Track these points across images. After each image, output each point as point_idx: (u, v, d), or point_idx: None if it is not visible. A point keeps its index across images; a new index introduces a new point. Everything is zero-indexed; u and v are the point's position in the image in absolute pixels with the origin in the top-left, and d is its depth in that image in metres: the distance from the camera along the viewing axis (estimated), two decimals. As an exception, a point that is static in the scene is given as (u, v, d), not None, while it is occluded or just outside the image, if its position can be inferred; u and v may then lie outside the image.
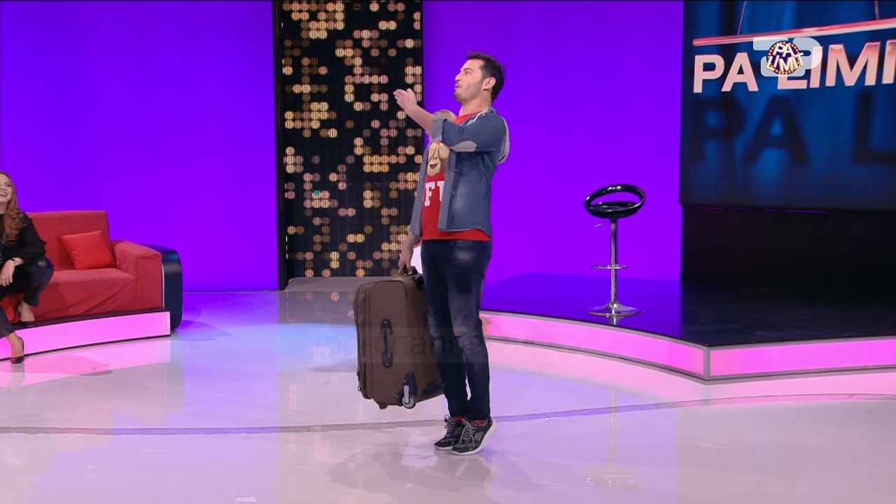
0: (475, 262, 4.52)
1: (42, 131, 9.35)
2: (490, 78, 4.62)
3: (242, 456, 4.71)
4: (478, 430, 4.66)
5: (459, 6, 9.88)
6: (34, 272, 6.65)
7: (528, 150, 9.84)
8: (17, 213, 6.65)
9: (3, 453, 4.71)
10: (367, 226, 10.45)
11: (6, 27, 9.15)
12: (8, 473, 4.46)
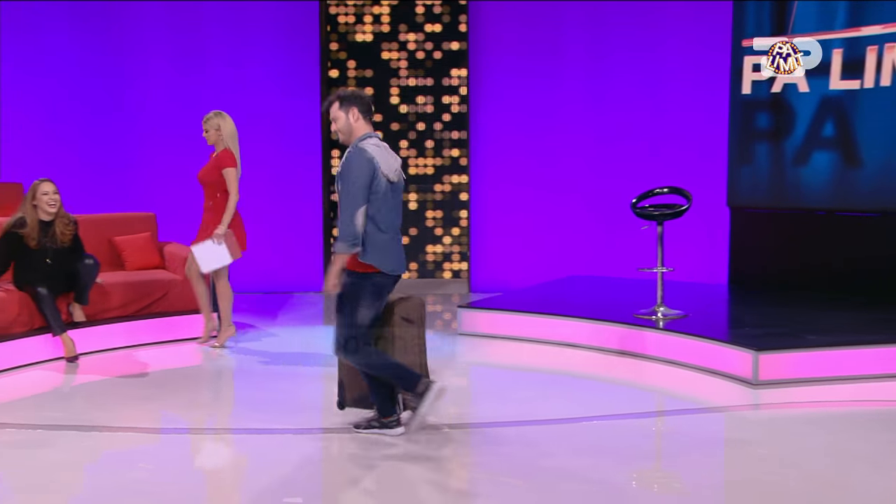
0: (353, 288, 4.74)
1: (91, 134, 9.51)
2: (351, 109, 4.82)
3: (288, 456, 4.74)
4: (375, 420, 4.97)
5: (504, 7, 9.85)
6: (82, 269, 6.76)
7: (573, 152, 9.79)
8: (67, 218, 6.77)
9: (56, 451, 4.79)
10: (413, 227, 10.47)
11: (54, 31, 9.32)
12: (60, 471, 4.54)
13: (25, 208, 6.59)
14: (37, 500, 4.20)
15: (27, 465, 4.59)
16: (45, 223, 6.62)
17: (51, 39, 9.32)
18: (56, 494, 4.26)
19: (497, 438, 5.10)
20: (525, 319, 7.44)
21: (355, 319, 4.74)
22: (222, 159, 7.02)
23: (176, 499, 4.22)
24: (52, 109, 9.47)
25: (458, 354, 7.32)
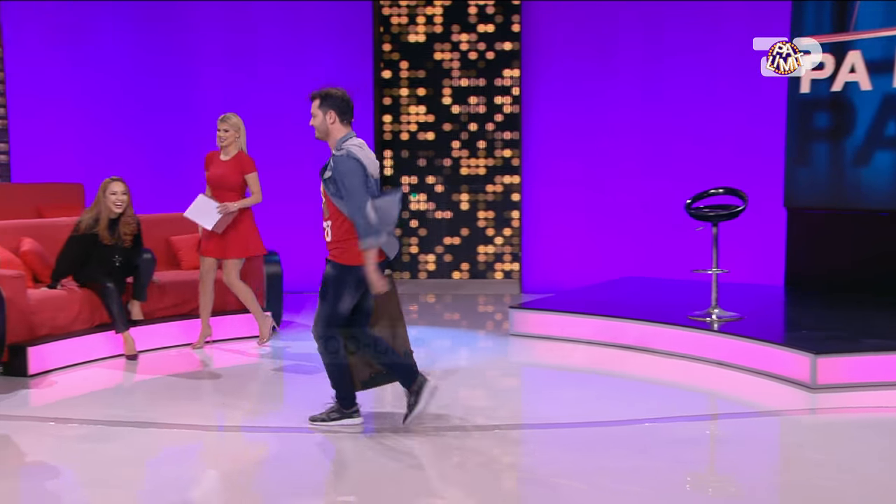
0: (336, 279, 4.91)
1: (150, 134, 9.68)
2: (329, 112, 4.96)
3: (340, 455, 4.78)
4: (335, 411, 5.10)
5: (558, 8, 9.81)
6: (142, 265, 6.88)
7: (626, 152, 9.73)
8: (132, 218, 6.88)
9: (118, 446, 4.89)
10: (464, 228, 10.48)
11: (115, 31, 9.50)
12: (121, 466, 4.63)
13: (98, 206, 6.73)
14: (99, 494, 4.29)
15: (90, 460, 4.69)
16: (113, 221, 6.77)
17: (111, 40, 9.51)
18: (117, 489, 4.35)
19: (548, 440, 5.08)
20: (577, 320, 7.41)
21: (337, 309, 4.91)
22: (245, 163, 7.01)
23: (232, 494, 4.27)
24: (113, 109, 9.66)
25: (510, 355, 7.31)
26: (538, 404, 5.95)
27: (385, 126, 10.34)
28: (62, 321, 6.53)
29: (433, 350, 7.46)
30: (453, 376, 6.54)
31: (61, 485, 4.38)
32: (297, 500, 4.19)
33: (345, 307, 4.94)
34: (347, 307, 4.95)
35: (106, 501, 4.20)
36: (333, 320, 4.94)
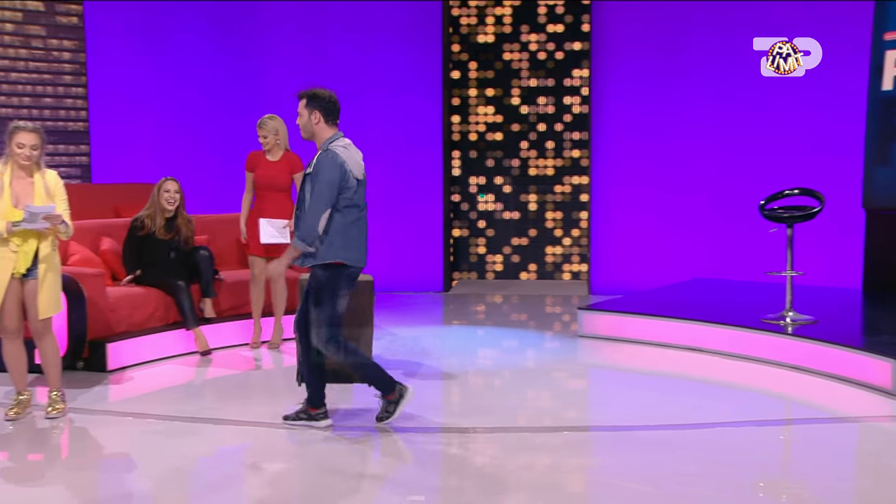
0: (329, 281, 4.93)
1: (223, 135, 9.85)
2: (314, 112, 5.02)
3: (408, 453, 4.80)
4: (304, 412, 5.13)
5: (628, 7, 9.70)
6: (201, 261, 7.01)
7: (697, 153, 9.58)
8: (188, 217, 7.06)
9: (191, 442, 5.00)
10: (532, 229, 10.45)
11: (190, 31, 9.69)
12: (194, 461, 4.73)
13: (153, 204, 6.92)
14: (172, 487, 4.38)
15: (165, 454, 4.80)
16: (170, 219, 6.93)
17: (188, 42, 9.70)
18: (190, 484, 4.44)
19: (616, 442, 5.04)
20: (647, 322, 7.32)
21: (336, 311, 4.97)
22: (295, 163, 7.06)
23: (298, 494, 4.33)
24: (190, 110, 9.85)
25: (578, 356, 7.26)
26: (606, 406, 5.89)
27: (453, 126, 10.36)
28: (139, 318, 6.69)
29: (501, 351, 7.45)
30: (521, 377, 6.52)
31: (137, 478, 4.48)
32: (364, 498, 4.23)
33: (341, 307, 5.01)
34: (343, 307, 5.02)
35: (179, 495, 4.28)
36: (334, 322, 4.97)
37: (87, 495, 4.31)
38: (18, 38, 8.96)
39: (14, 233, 5.05)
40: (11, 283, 5.13)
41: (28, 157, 5.12)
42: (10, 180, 5.12)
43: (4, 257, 5.09)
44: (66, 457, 4.89)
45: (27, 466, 4.71)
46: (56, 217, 5.06)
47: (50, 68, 9.15)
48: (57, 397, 5.34)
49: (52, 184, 5.20)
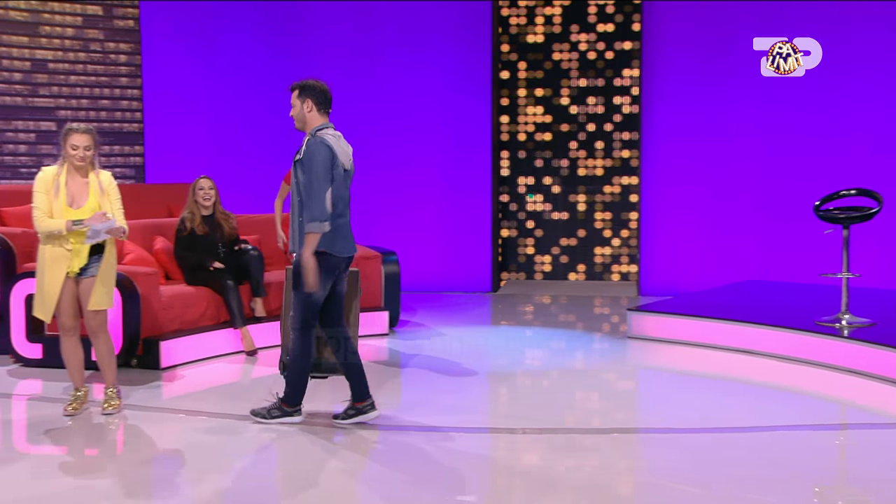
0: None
1: (273, 135, 9.94)
2: (306, 101, 5.12)
3: (456, 454, 4.80)
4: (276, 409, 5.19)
5: (680, 7, 9.59)
6: (251, 261, 7.08)
7: (750, 153, 9.45)
8: (226, 213, 7.14)
9: (242, 440, 5.05)
10: (581, 229, 10.39)
11: (239, 31, 9.81)
12: (244, 458, 4.78)
13: (190, 204, 7.02)
14: (223, 484, 4.44)
15: (217, 451, 4.86)
16: (207, 217, 7.02)
17: (240, 43, 9.81)
18: (240, 481, 4.49)
19: (666, 444, 4.99)
20: (698, 324, 7.24)
21: (311, 298, 5.02)
22: None
23: (347, 494, 4.35)
24: (241, 111, 9.97)
25: (627, 358, 7.20)
26: (656, 408, 5.84)
27: (502, 127, 10.35)
28: (190, 317, 6.78)
29: (549, 351, 7.42)
30: (569, 378, 6.49)
31: (187, 473, 4.55)
32: (412, 498, 4.24)
33: (319, 296, 5.04)
34: (321, 295, 5.05)
35: (229, 492, 4.34)
36: (310, 309, 5.04)
37: (139, 490, 4.38)
38: (78, 42, 9.15)
39: (71, 231, 5.15)
40: (67, 282, 5.23)
41: (82, 158, 5.22)
42: (65, 181, 5.23)
43: (60, 256, 5.20)
44: (121, 452, 4.98)
45: (84, 461, 4.81)
46: (117, 229, 5.18)
47: (107, 71, 9.33)
48: (112, 394, 5.44)
49: (105, 184, 5.29)
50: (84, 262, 5.24)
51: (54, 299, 5.22)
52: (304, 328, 5.07)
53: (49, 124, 9.01)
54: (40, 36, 9.01)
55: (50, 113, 9.07)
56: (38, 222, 5.18)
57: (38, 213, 5.18)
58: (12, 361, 6.51)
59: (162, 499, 4.23)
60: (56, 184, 5.21)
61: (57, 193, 5.19)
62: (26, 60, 8.96)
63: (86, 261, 5.24)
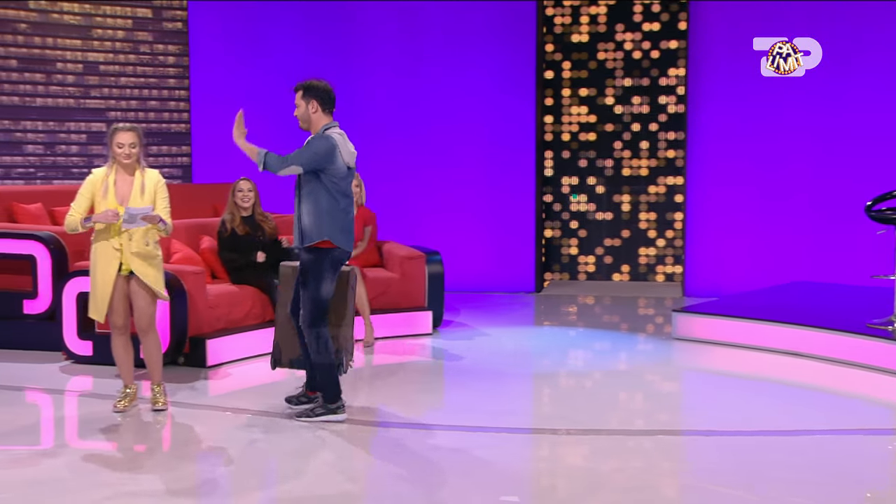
0: (314, 263, 5.10)
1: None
2: (311, 101, 5.23)
3: (499, 454, 4.80)
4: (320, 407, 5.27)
5: (727, 7, 9.46)
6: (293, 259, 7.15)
7: (798, 153, 9.31)
8: (264, 214, 7.22)
9: (284, 438, 5.10)
10: (625, 230, 10.33)
11: (284, 32, 9.89)
12: (288, 457, 4.83)
13: (230, 205, 7.11)
14: (268, 482, 4.48)
15: (260, 449, 4.92)
16: (247, 218, 7.09)
17: (285, 44, 9.89)
18: (283, 479, 4.53)
19: (711, 446, 4.94)
20: (745, 326, 7.15)
21: (320, 293, 5.12)
22: (369, 218, 7.64)
23: (396, 489, 4.37)
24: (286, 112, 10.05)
25: (672, 359, 7.14)
26: (701, 410, 5.78)
27: (546, 127, 10.32)
28: (236, 315, 6.86)
29: (592, 352, 7.39)
30: (612, 379, 6.45)
31: (233, 471, 4.60)
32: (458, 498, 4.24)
33: (326, 290, 5.14)
34: (329, 290, 5.15)
35: (273, 489, 4.38)
36: (318, 305, 5.13)
37: (184, 486, 4.44)
38: (128, 44, 9.30)
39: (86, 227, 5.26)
40: (118, 280, 5.32)
41: (128, 156, 5.31)
42: (114, 180, 5.32)
43: (109, 255, 5.29)
44: (168, 449, 5.05)
45: (132, 456, 4.88)
46: (154, 217, 5.24)
47: (155, 72, 9.47)
48: (159, 391, 5.52)
49: (153, 182, 5.37)
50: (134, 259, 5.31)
51: (107, 298, 5.31)
52: (316, 324, 5.17)
53: (99, 125, 9.17)
54: (92, 39, 9.17)
55: (100, 114, 9.23)
56: (66, 221, 5.33)
57: (68, 213, 5.32)
58: (64, 358, 6.64)
59: (206, 495, 4.29)
60: (105, 184, 5.30)
61: (105, 193, 5.28)
62: (79, 63, 9.14)
63: (136, 258, 5.31)
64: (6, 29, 8.84)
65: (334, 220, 5.11)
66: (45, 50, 8.99)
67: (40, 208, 7.58)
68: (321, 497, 4.28)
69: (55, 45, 9.02)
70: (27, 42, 8.92)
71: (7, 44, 8.85)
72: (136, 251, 5.29)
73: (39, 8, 8.95)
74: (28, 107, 8.96)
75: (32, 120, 8.98)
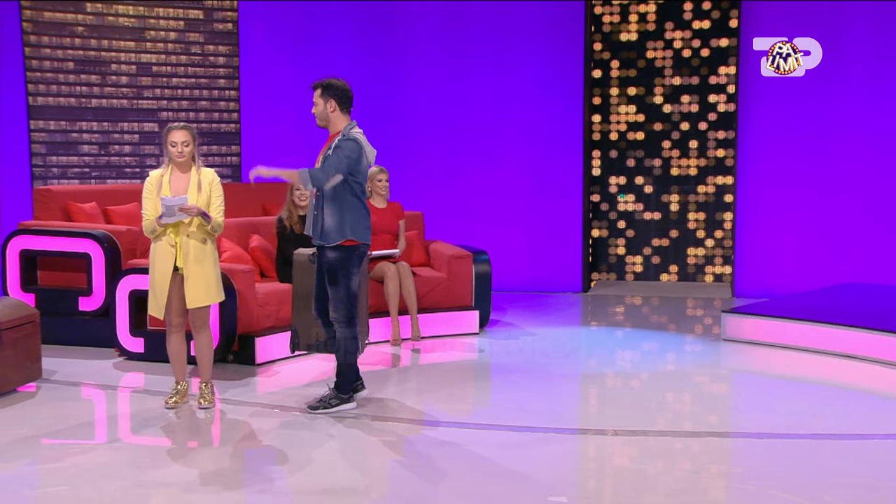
0: (342, 261, 5.27)
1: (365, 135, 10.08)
2: (330, 100, 5.33)
3: (546, 455, 4.80)
4: (335, 398, 5.44)
5: (779, 7, 9.30)
6: None
7: (852, 153, 9.16)
8: None
9: (326, 436, 5.14)
10: (673, 230, 10.24)
11: (334, 32, 9.96)
12: (337, 456, 4.87)
13: (286, 203, 7.19)
14: (311, 481, 4.53)
15: (307, 447, 4.96)
16: (304, 216, 7.16)
17: (331, 42, 9.96)
18: (329, 477, 4.58)
19: (762, 449, 4.88)
20: (796, 327, 7.06)
21: (350, 289, 5.32)
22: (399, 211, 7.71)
23: (441, 488, 4.39)
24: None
25: (721, 360, 7.07)
26: (751, 412, 5.72)
27: (594, 126, 10.27)
28: (285, 314, 6.91)
29: (640, 353, 7.34)
30: (660, 380, 6.41)
31: (281, 468, 4.65)
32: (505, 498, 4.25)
33: (356, 285, 5.34)
34: (357, 284, 5.35)
35: (320, 486, 4.42)
36: (351, 300, 5.32)
37: (233, 482, 4.51)
38: (180, 45, 9.45)
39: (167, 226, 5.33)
40: (174, 278, 5.41)
41: (181, 154, 5.40)
42: (169, 179, 5.42)
43: (165, 253, 5.39)
44: (217, 445, 5.12)
45: (183, 452, 4.96)
46: (192, 208, 5.30)
47: (206, 73, 9.60)
48: (207, 389, 5.60)
49: (207, 180, 5.44)
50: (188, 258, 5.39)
51: (165, 296, 5.41)
52: (349, 319, 5.34)
53: (152, 125, 9.32)
54: (145, 41, 9.33)
55: (153, 115, 9.38)
56: (143, 225, 5.41)
57: (143, 218, 5.42)
58: (117, 355, 6.77)
59: (255, 492, 4.34)
60: (160, 183, 5.40)
61: (160, 191, 5.38)
62: (132, 64, 9.30)
63: (190, 257, 5.39)
64: (64, 32, 9.03)
65: (357, 220, 5.30)
66: (101, 52, 9.17)
67: (95, 207, 7.73)
68: (376, 498, 4.31)
69: (110, 48, 9.19)
70: (84, 44, 9.10)
71: (65, 46, 9.05)
72: (192, 251, 5.37)
73: (96, 11, 9.13)
74: (84, 108, 9.14)
75: (88, 121, 9.16)
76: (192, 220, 5.35)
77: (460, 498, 4.24)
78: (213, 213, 5.40)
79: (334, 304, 5.35)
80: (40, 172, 9.00)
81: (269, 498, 4.26)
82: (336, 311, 5.36)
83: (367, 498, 4.30)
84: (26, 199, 8.76)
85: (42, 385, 6.02)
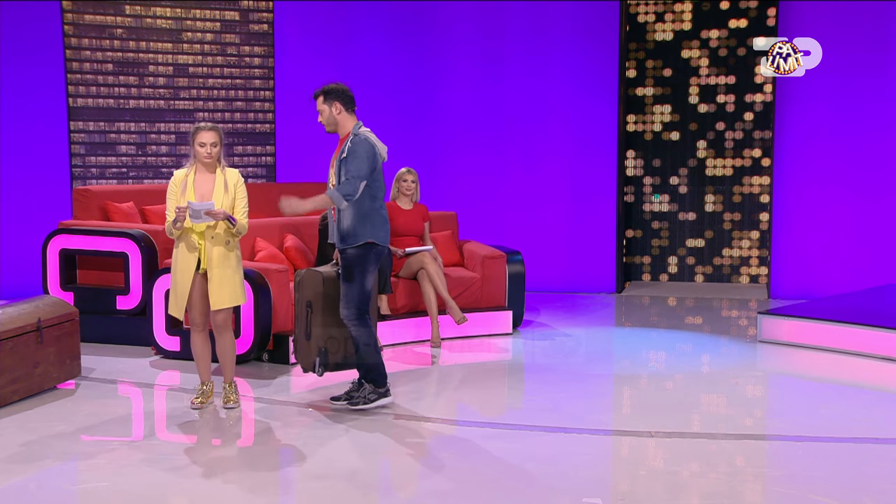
0: (359, 257, 5.28)
1: (400, 134, 10.09)
2: (334, 104, 5.40)
3: (580, 456, 4.78)
4: (372, 392, 5.45)
5: (818, 6, 9.18)
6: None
7: (892, 151, 9.01)
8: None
9: (369, 436, 5.16)
10: (708, 230, 10.15)
11: (371, 33, 9.98)
12: (372, 455, 4.89)
13: None
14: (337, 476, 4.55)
15: (341, 446, 4.98)
16: None
17: (366, 43, 9.98)
18: (361, 476, 4.59)
19: (800, 453, 4.83)
20: (835, 329, 6.97)
21: (365, 287, 5.32)
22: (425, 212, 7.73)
23: (472, 488, 4.39)
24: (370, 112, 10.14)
25: (757, 362, 7.00)
26: (788, 415, 5.65)
27: (629, 125, 10.21)
28: (319, 313, 6.95)
29: (674, 354, 7.29)
30: (695, 381, 6.36)
31: (313, 467, 4.67)
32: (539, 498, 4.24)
33: (370, 284, 5.36)
34: (371, 284, 5.37)
35: (352, 486, 4.44)
36: (363, 298, 5.32)
37: (262, 482, 4.54)
38: (216, 46, 9.54)
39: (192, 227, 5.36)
40: (196, 278, 5.44)
41: (209, 155, 5.43)
42: (193, 179, 5.44)
43: (188, 253, 5.42)
44: (248, 445, 5.15)
45: (210, 451, 5.00)
46: (218, 213, 5.32)
47: (241, 73, 9.68)
48: (230, 389, 5.61)
49: (231, 181, 5.46)
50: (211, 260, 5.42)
51: (185, 296, 5.44)
52: (361, 318, 5.34)
53: (187, 126, 9.41)
54: (182, 42, 9.43)
55: (189, 115, 9.47)
56: (165, 226, 5.47)
57: (166, 221, 5.46)
58: (154, 353, 6.84)
59: (285, 493, 4.37)
60: (184, 183, 5.43)
61: (184, 192, 5.40)
62: (169, 66, 9.40)
63: (213, 259, 5.42)
64: (103, 34, 9.14)
65: (374, 221, 5.33)
66: (139, 54, 9.28)
67: (132, 207, 7.82)
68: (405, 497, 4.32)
69: (148, 49, 9.29)
70: (122, 46, 9.21)
71: (104, 48, 9.16)
72: (215, 253, 5.39)
73: (134, 13, 9.24)
74: (122, 108, 9.26)
75: (126, 121, 9.27)
76: (218, 223, 5.38)
77: (493, 498, 4.24)
78: (237, 214, 5.42)
79: (345, 301, 5.33)
80: (79, 172, 9.12)
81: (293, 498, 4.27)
82: (347, 308, 5.34)
83: (396, 497, 4.31)
84: (66, 199, 8.89)
85: (81, 382, 6.11)
